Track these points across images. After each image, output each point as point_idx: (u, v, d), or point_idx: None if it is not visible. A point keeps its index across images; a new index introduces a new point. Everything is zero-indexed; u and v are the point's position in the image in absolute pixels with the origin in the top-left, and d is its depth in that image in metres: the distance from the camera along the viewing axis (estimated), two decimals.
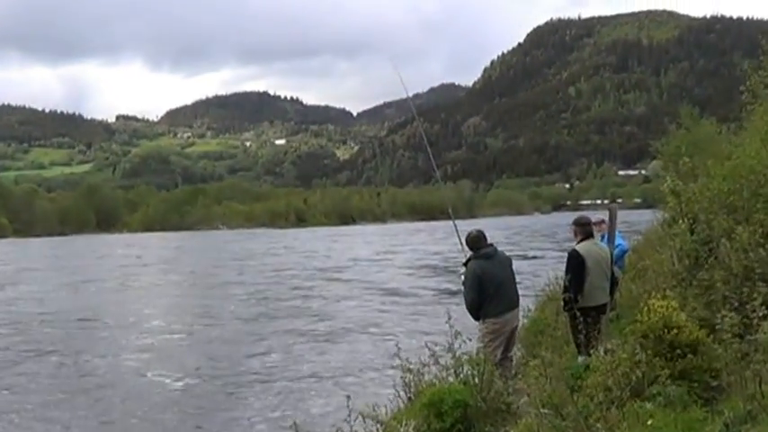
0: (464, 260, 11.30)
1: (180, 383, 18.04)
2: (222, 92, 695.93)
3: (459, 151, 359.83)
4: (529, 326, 15.38)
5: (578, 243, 11.43)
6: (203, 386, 17.67)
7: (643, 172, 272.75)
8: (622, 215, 13.91)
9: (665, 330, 8.70)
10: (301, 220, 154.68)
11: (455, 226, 12.65)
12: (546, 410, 8.36)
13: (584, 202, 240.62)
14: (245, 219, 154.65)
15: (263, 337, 24.26)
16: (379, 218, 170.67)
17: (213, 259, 65.11)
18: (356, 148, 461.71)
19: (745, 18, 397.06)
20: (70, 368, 20.16)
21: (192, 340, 24.42)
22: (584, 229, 11.63)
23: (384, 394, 12.31)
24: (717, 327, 8.31)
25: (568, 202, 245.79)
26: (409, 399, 11.24)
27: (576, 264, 11.10)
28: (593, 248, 11.45)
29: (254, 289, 38.26)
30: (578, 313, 10.34)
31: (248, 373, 19.03)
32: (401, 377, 11.48)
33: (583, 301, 10.81)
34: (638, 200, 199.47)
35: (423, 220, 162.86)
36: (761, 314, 7.57)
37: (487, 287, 10.79)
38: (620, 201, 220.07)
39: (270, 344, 22.93)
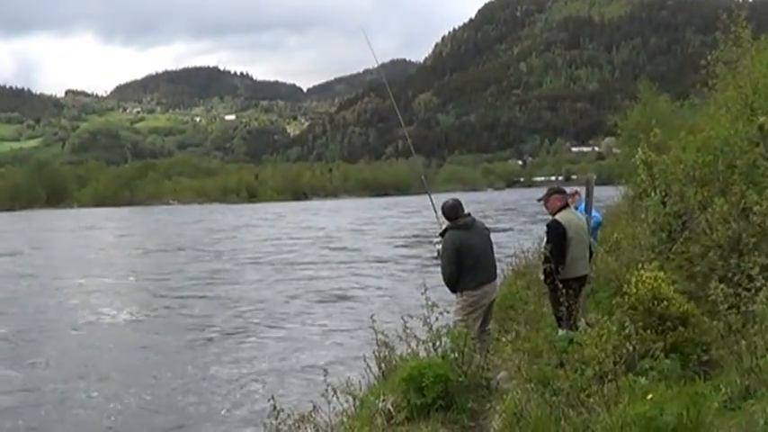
0: (440, 231, 10.86)
1: (150, 356, 17.88)
2: (172, 67, 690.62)
3: (410, 127, 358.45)
4: (499, 300, 15.16)
5: (556, 213, 11.19)
6: (165, 365, 17.24)
7: (596, 149, 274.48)
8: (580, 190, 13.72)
9: (655, 302, 8.52)
10: (253, 196, 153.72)
11: (430, 197, 12.29)
12: (533, 385, 8.14)
13: (538, 179, 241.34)
14: (197, 194, 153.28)
15: (233, 309, 24.41)
16: (331, 193, 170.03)
17: (207, 231, 66.01)
18: (306, 123, 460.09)
19: None
20: None
21: (164, 310, 24.42)
22: (564, 197, 11.43)
23: (356, 368, 12.04)
24: (710, 299, 8.09)
25: (522, 179, 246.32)
26: (382, 373, 11.01)
27: (557, 234, 10.88)
28: (572, 218, 11.26)
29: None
30: (560, 285, 10.09)
31: (213, 344, 19.05)
32: (374, 351, 11.24)
33: (564, 273, 10.57)
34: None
35: (375, 195, 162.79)
36: (758, 284, 7.36)
37: (466, 259, 10.36)
38: (574, 177, 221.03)
39: (242, 317, 23.02)
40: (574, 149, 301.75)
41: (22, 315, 24.36)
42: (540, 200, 11.71)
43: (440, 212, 10.76)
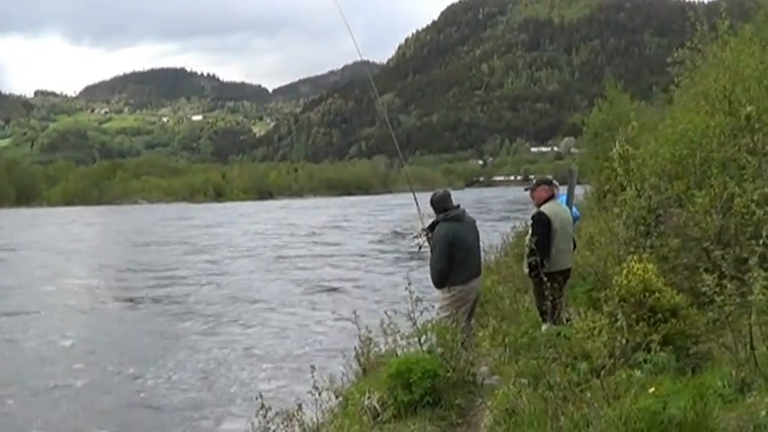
0: (428, 224, 10.47)
1: (130, 349, 17.39)
2: (140, 68, 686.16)
3: (372, 128, 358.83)
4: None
5: (542, 204, 10.91)
6: (145, 358, 16.96)
7: (555, 148, 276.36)
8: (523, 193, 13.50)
9: (646, 294, 8.28)
10: (220, 195, 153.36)
11: (414, 194, 11.83)
12: (525, 380, 7.87)
13: (498, 178, 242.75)
14: (165, 193, 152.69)
15: (215, 306, 24.14)
16: (296, 193, 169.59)
17: (181, 228, 65.86)
18: (272, 124, 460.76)
19: None
20: None
21: (139, 314, 23.71)
22: (550, 188, 11.17)
23: (340, 363, 11.63)
24: (702, 290, 7.86)
25: (481, 179, 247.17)
26: (363, 369, 10.71)
27: (543, 226, 10.60)
28: (558, 210, 11.01)
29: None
30: (545, 278, 9.81)
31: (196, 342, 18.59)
32: (356, 347, 10.96)
33: (549, 266, 10.28)
34: (549, 176, 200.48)
35: (339, 195, 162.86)
36: (755, 274, 7.12)
37: (457, 252, 9.97)
38: (531, 177, 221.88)
39: (224, 313, 22.74)
40: (533, 149, 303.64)
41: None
42: (527, 189, 11.44)
43: (426, 206, 10.41)
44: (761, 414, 5.75)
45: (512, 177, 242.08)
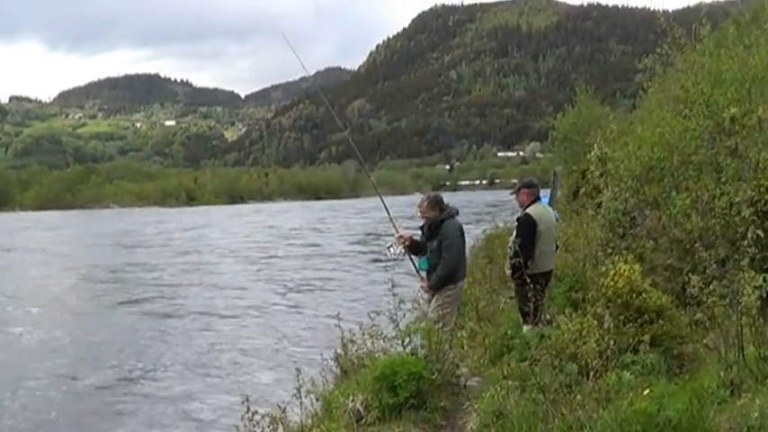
0: (398, 232, 10.37)
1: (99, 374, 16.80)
2: (114, 74, 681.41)
3: (344, 132, 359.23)
4: None
5: (527, 206, 10.74)
6: (129, 372, 16.41)
7: (521, 153, 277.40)
8: (498, 195, 13.18)
9: (633, 295, 8.13)
10: (192, 200, 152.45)
11: (383, 201, 11.51)
12: (512, 382, 7.69)
13: (464, 183, 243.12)
14: (137, 198, 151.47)
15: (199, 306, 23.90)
16: (267, 197, 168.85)
17: (164, 231, 65.27)
18: (244, 129, 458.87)
19: (620, 6, 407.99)
20: None
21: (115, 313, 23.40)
22: (532, 191, 10.98)
23: (322, 365, 11.35)
24: (686, 292, 7.76)
25: (448, 183, 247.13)
26: (344, 371, 10.51)
27: (528, 228, 10.43)
28: (543, 212, 10.85)
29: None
30: (528, 280, 9.61)
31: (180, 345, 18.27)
32: (336, 349, 10.76)
33: (532, 267, 10.10)
34: (514, 180, 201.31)
35: (310, 199, 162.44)
36: (747, 276, 6.98)
37: (461, 251, 10.07)
38: (498, 181, 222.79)
39: (206, 316, 22.40)
40: (500, 154, 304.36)
41: None
42: (512, 193, 11.27)
43: (397, 210, 10.19)
44: (753, 416, 5.64)
45: (477, 182, 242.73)
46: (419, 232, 10.26)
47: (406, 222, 13.62)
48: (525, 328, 10.25)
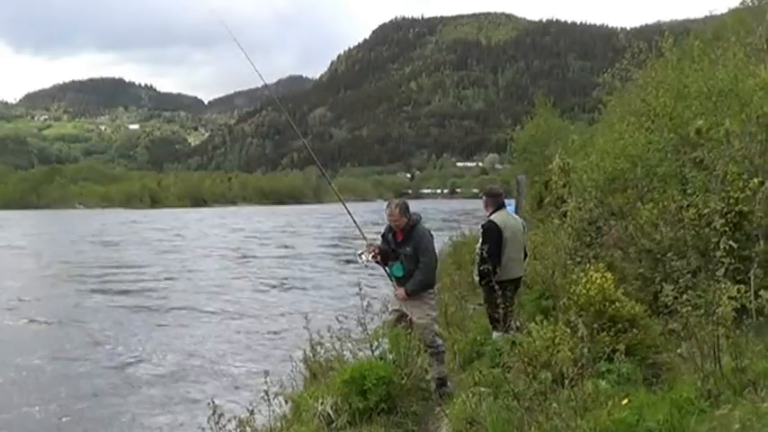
0: (366, 239, 10.05)
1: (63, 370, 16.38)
2: (80, 77, 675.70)
3: (305, 140, 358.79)
4: None
5: (491, 214, 10.59)
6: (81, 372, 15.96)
7: (480, 164, 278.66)
8: (461, 204, 12.91)
9: (606, 304, 7.98)
10: (155, 202, 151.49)
11: (347, 210, 11.13)
12: (485, 389, 7.51)
13: (425, 191, 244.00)
14: (102, 199, 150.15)
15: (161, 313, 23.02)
16: (230, 201, 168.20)
17: (138, 232, 65.03)
18: (207, 134, 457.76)
19: (578, 23, 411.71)
20: None
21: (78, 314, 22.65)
22: (496, 201, 10.83)
23: (289, 368, 11.08)
24: (659, 301, 7.63)
25: (410, 191, 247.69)
26: (313, 374, 10.28)
27: (494, 235, 10.28)
28: (509, 220, 10.70)
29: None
30: (497, 287, 9.44)
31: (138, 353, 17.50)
32: (305, 351, 10.52)
33: (499, 274, 9.93)
34: (475, 190, 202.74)
35: (271, 204, 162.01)
36: (723, 286, 6.86)
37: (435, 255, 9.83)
38: (458, 191, 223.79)
39: (173, 320, 21.71)
40: (459, 164, 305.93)
41: None
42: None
43: (362, 217, 9.93)
44: (734, 427, 5.48)
45: (438, 191, 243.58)
46: (379, 239, 10.02)
47: (376, 228, 13.36)
48: (495, 334, 10.11)
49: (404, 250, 9.40)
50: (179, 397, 13.28)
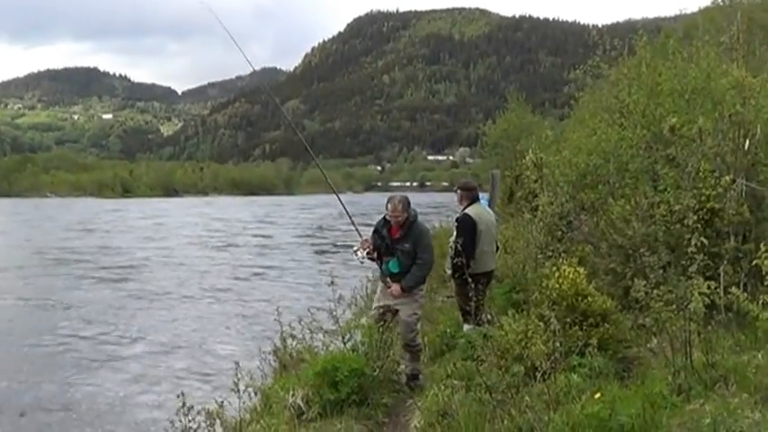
0: (361, 235, 9.82)
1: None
2: (54, 66, 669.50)
3: (277, 132, 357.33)
4: None
5: (466, 207, 10.55)
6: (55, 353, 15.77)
7: (451, 158, 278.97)
8: (431, 197, 12.69)
9: (578, 298, 7.97)
10: (127, 191, 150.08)
11: (341, 202, 11.00)
12: (457, 381, 7.48)
13: (395, 184, 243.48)
14: (73, 188, 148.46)
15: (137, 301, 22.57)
16: (201, 191, 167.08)
17: (116, 221, 63.40)
18: (180, 125, 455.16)
19: (551, 19, 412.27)
20: None
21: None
22: (470, 194, 10.79)
23: (259, 358, 10.93)
24: (629, 296, 7.64)
25: (380, 184, 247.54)
26: (283, 366, 10.20)
27: (468, 228, 10.24)
28: (483, 213, 10.67)
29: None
30: (470, 280, 9.38)
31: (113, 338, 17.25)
32: (275, 343, 10.42)
33: (474, 267, 9.89)
34: (445, 183, 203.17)
35: (243, 194, 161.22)
36: (695, 282, 6.87)
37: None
38: (428, 184, 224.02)
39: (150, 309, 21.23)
40: (430, 158, 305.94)
41: None
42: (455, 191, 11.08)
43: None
44: (705, 422, 5.48)
45: (408, 184, 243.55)
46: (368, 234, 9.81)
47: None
48: (466, 327, 10.08)
49: (402, 246, 9.22)
50: (146, 388, 13.09)
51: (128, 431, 10.74)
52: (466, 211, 10.54)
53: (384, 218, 9.40)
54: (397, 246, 9.24)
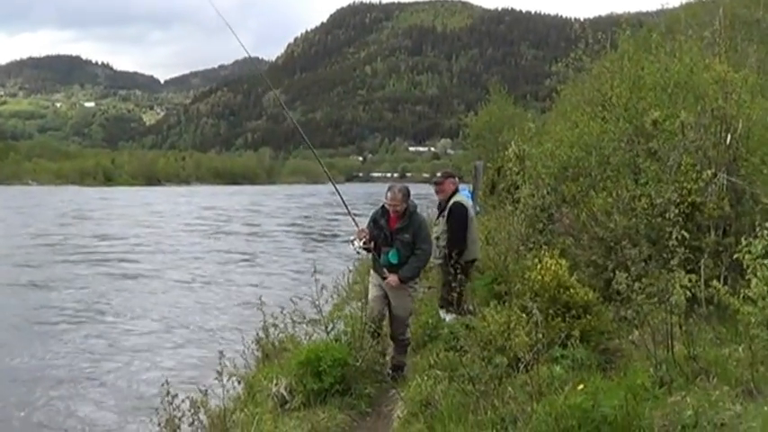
0: (358, 225, 9.61)
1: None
2: (36, 53, 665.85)
3: (259, 121, 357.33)
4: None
5: (452, 196, 10.51)
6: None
7: (432, 149, 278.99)
8: (412, 188, 12.65)
9: (560, 290, 7.98)
10: (109, 180, 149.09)
11: (337, 190, 10.72)
12: (440, 372, 7.49)
13: (376, 175, 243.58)
14: (56, 176, 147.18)
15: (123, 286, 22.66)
16: (183, 180, 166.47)
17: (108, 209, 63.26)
18: (162, 113, 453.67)
19: (533, 12, 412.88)
20: None
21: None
22: (456, 183, 10.79)
23: (241, 347, 10.90)
24: (610, 288, 7.65)
25: (361, 174, 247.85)
26: (266, 355, 10.18)
27: (462, 216, 10.22)
28: (468, 202, 10.69)
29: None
30: (459, 268, 9.35)
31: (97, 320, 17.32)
32: (258, 332, 10.40)
33: (465, 255, 9.92)
34: (426, 174, 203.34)
35: (226, 183, 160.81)
36: (677, 275, 6.89)
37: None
38: (409, 174, 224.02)
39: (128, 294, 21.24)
40: (411, 149, 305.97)
41: None
42: (435, 182, 10.93)
43: (383, 197, 9.43)
44: (687, 413, 5.51)
45: (389, 174, 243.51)
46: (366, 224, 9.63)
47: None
48: (448, 317, 10.07)
49: (402, 237, 9.09)
50: (129, 378, 12.99)
51: (111, 418, 10.69)
52: (457, 199, 10.53)
53: (382, 207, 9.30)
54: (397, 236, 9.11)
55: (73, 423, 10.35)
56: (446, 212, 10.48)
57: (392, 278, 9.02)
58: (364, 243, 9.32)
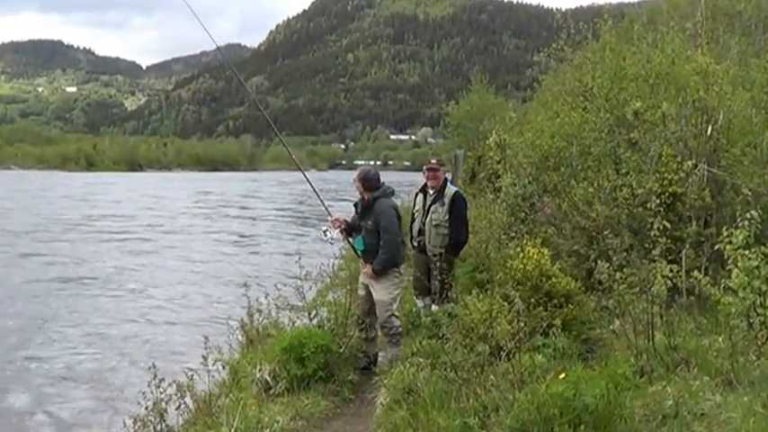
0: (330, 214, 9.41)
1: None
2: (18, 38, 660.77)
3: (241, 108, 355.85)
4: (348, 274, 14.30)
5: (444, 185, 10.37)
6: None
7: (413, 137, 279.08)
8: (393, 176, 12.41)
9: (543, 279, 8.00)
10: (91, 165, 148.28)
11: (306, 177, 10.46)
12: (422, 360, 7.48)
13: (359, 162, 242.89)
14: (37, 161, 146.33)
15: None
16: (165, 166, 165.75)
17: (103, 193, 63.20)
18: (144, 99, 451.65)
19: (514, 2, 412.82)
20: None
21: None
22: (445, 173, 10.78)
23: (223, 332, 10.85)
24: (592, 278, 7.68)
25: (344, 162, 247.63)
26: (250, 341, 10.16)
27: (464, 204, 10.18)
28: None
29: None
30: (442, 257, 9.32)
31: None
32: (242, 318, 10.37)
33: None
34: (407, 163, 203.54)
35: (207, 170, 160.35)
36: (659, 265, 6.91)
37: (399, 232, 8.99)
38: (391, 163, 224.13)
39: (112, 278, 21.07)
40: (392, 137, 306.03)
41: None
42: (428, 170, 10.66)
43: (359, 182, 9.20)
44: (667, 403, 5.54)
45: (371, 162, 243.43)
46: (352, 210, 9.42)
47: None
48: (434, 306, 10.00)
49: (365, 224, 8.84)
50: (117, 361, 12.91)
51: (97, 402, 10.64)
52: (454, 188, 10.51)
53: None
54: (361, 222, 8.91)
55: (57, 408, 10.33)
56: (446, 201, 10.16)
57: (367, 269, 8.81)
58: (339, 231, 9.12)
